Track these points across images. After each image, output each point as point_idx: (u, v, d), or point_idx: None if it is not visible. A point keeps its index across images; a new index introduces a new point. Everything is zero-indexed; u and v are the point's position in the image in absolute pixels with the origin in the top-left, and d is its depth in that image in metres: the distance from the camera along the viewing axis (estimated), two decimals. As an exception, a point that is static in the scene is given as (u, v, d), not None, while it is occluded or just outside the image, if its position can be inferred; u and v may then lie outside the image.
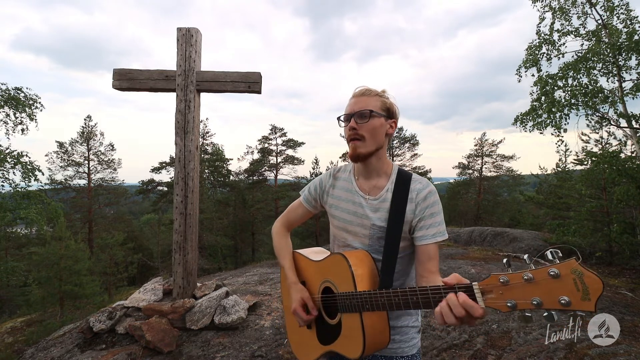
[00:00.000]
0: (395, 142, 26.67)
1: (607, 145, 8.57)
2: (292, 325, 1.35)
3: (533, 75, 8.40)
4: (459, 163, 26.70)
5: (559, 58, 8.29)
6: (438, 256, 1.11)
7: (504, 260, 0.80)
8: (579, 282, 0.64)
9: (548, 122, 7.54)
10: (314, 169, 25.70)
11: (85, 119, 20.57)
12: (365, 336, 1.00)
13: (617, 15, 7.57)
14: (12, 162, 10.70)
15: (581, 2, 8.04)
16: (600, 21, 7.83)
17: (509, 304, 0.73)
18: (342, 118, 1.17)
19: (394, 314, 1.17)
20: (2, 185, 10.86)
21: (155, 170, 22.67)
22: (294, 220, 1.40)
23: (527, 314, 0.73)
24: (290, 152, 26.06)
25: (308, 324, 1.24)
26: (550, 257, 0.70)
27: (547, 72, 7.85)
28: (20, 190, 10.96)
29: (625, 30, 7.26)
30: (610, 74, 7.44)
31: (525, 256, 0.76)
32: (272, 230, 1.42)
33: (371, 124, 1.11)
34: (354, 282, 1.02)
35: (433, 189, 1.14)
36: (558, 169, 12.17)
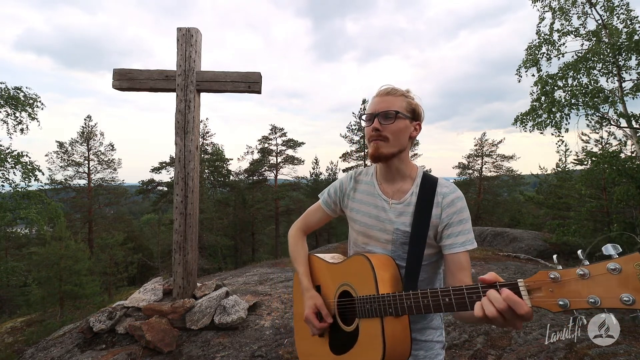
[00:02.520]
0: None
1: (607, 145, 8.59)
2: (301, 332, 1.28)
3: (533, 75, 8.41)
4: (459, 163, 26.70)
5: (559, 58, 8.30)
6: (470, 266, 1.03)
7: (554, 257, 0.75)
8: None
9: (548, 122, 7.54)
10: (314, 169, 25.73)
11: (85, 119, 20.60)
12: (386, 344, 0.92)
13: (617, 15, 7.57)
14: (12, 162, 10.70)
15: (581, 2, 8.04)
16: (600, 21, 7.84)
17: (560, 303, 0.65)
18: (364, 117, 1.12)
19: (418, 326, 1.12)
20: (2, 185, 10.86)
21: (155, 170, 22.67)
22: (311, 224, 1.35)
23: (580, 315, 0.66)
24: (290, 152, 26.07)
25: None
26: (606, 252, 0.62)
27: (547, 72, 7.86)
28: (20, 190, 10.96)
29: (625, 30, 7.26)
30: (610, 74, 7.45)
31: (579, 251, 0.67)
32: (288, 234, 1.37)
33: (396, 126, 1.06)
34: (376, 285, 0.97)
35: (460, 195, 1.09)
36: (558, 169, 12.19)
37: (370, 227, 1.14)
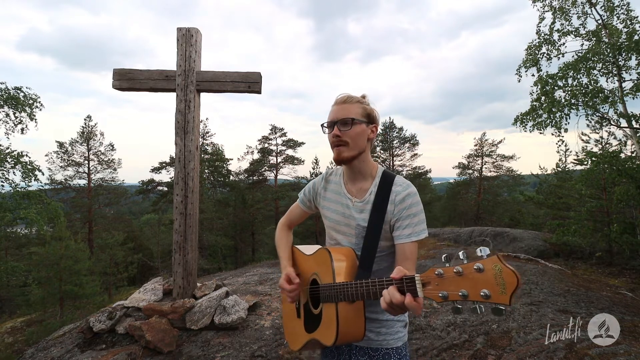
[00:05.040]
0: (395, 142, 26.67)
1: (607, 145, 8.58)
2: (286, 315, 1.46)
3: (533, 75, 8.40)
4: (459, 163, 26.70)
5: (559, 58, 8.29)
6: (415, 257, 1.17)
7: (443, 256, 0.83)
8: (498, 276, 0.69)
9: (548, 122, 7.54)
10: (314, 169, 25.70)
11: (85, 119, 20.56)
12: (339, 325, 1.07)
13: (617, 15, 7.57)
14: (12, 162, 10.70)
15: (581, 2, 8.04)
16: (600, 21, 7.83)
17: (440, 295, 0.78)
18: (325, 125, 1.24)
19: (379, 308, 1.23)
20: (2, 185, 10.86)
21: (155, 170, 22.67)
22: (293, 219, 1.53)
23: (457, 305, 0.78)
24: (290, 152, 26.09)
25: (298, 313, 1.34)
26: (479, 253, 0.74)
27: (547, 72, 7.84)
28: (20, 190, 10.96)
29: (625, 30, 7.26)
30: (610, 74, 7.44)
31: (460, 252, 0.78)
32: (276, 228, 1.54)
33: (353, 131, 1.18)
34: (333, 274, 1.11)
35: (413, 191, 1.20)
36: (558, 169, 12.18)
37: (338, 223, 1.30)
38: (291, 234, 1.53)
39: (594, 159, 6.87)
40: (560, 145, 8.24)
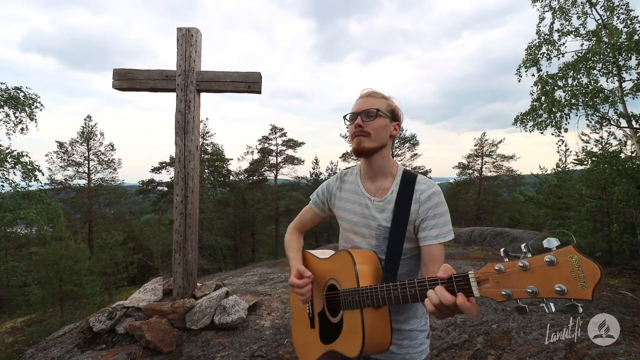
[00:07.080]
0: (395, 142, 26.69)
1: (607, 145, 8.57)
2: (296, 326, 1.35)
3: (533, 75, 8.40)
4: (459, 163, 26.71)
5: (559, 58, 8.28)
6: (443, 259, 1.07)
7: (501, 250, 0.77)
8: (575, 269, 0.61)
9: (548, 122, 7.54)
10: (314, 169, 25.73)
11: (85, 119, 20.57)
12: (365, 333, 0.98)
13: (617, 15, 7.57)
14: (12, 162, 10.70)
15: (581, 2, 8.03)
16: (600, 21, 7.83)
17: (503, 293, 0.70)
18: (347, 117, 1.20)
19: (402, 317, 1.16)
20: (2, 185, 10.86)
21: (155, 170, 22.67)
22: (305, 223, 1.45)
23: (522, 305, 0.69)
24: (290, 152, 26.08)
25: (312, 323, 1.25)
26: (546, 245, 0.66)
27: (547, 72, 7.84)
28: (20, 190, 10.96)
29: (625, 30, 7.26)
30: (610, 74, 7.43)
31: (523, 245, 0.71)
32: (286, 232, 1.48)
33: (377, 123, 1.13)
34: (357, 278, 1.03)
35: (438, 190, 1.13)
36: (558, 169, 12.16)
37: (356, 224, 1.22)
38: (301, 238, 1.46)
39: (594, 159, 6.87)
40: (560, 145, 8.25)
